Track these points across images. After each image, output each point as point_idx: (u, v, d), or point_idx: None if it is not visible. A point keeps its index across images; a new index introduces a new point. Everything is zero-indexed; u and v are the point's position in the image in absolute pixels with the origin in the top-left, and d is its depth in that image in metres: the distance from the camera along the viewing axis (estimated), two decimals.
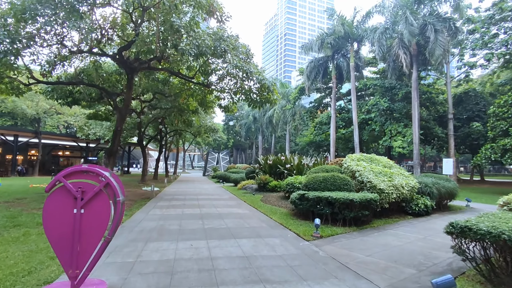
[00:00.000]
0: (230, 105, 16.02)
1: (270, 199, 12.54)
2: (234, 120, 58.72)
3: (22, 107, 26.70)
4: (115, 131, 12.20)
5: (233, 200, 12.92)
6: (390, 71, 22.03)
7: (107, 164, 12.20)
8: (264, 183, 15.38)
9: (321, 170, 10.04)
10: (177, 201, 12.24)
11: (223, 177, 25.73)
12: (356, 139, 24.24)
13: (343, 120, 28.90)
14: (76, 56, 15.16)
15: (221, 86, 15.61)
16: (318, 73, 29.34)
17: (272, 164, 17.41)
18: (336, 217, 7.47)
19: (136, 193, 15.69)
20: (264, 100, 14.08)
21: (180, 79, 17.01)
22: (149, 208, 10.15)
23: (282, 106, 38.61)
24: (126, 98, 12.28)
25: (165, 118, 25.13)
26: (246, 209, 10.26)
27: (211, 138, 37.56)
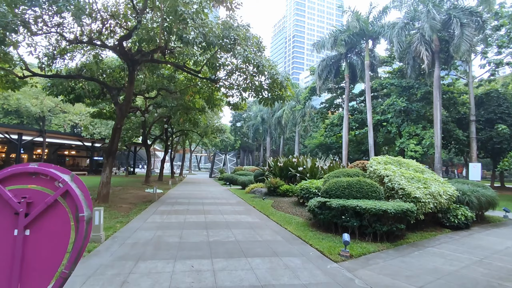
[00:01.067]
0: (239, 102, 14.95)
1: (282, 205, 11.40)
2: (241, 121, 57.72)
3: (27, 104, 26.14)
4: (115, 128, 11.24)
5: (241, 206, 11.81)
6: (409, 69, 20.67)
7: (105, 164, 11.25)
8: (274, 187, 14.26)
9: (342, 174, 8.87)
10: (180, 206, 11.19)
11: (230, 179, 24.68)
12: (370, 141, 22.90)
13: (356, 121, 27.54)
14: (78, 49, 14.35)
15: (230, 82, 14.60)
16: (330, 72, 28.11)
17: (282, 166, 16.27)
18: (364, 230, 6.30)
19: (138, 195, 14.73)
20: (276, 97, 12.96)
21: (186, 75, 16.03)
22: (148, 214, 9.12)
23: (291, 106, 37.43)
24: (127, 93, 11.33)
25: (171, 118, 24.25)
26: (257, 217, 9.14)
27: (218, 139, 36.62)
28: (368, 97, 23.41)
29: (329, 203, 6.71)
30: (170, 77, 16.45)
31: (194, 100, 16.72)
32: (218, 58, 13.16)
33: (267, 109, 43.32)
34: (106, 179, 11.23)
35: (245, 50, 10.44)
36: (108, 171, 11.30)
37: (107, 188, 11.23)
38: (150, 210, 10.02)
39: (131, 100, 11.65)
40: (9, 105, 26.25)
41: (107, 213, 8.91)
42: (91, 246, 5.31)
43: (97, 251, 5.07)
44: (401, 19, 20.71)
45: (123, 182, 22.92)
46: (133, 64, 11.36)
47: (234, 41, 10.35)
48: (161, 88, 15.27)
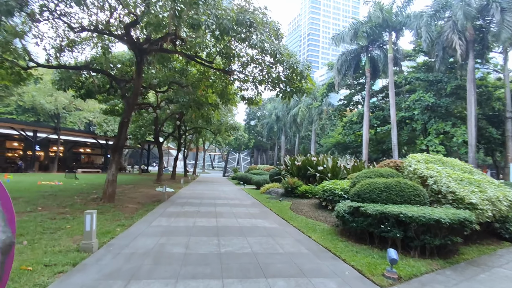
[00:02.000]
0: (255, 96, 13.93)
1: (302, 207, 10.30)
2: (255, 120, 56.76)
3: (41, 101, 26.11)
4: (122, 122, 10.47)
5: (256, 207, 10.80)
6: (438, 62, 19.01)
7: (111, 161, 10.51)
8: (292, 188, 13.16)
9: (373, 174, 7.69)
10: (190, 207, 10.29)
11: (244, 178, 23.75)
12: (394, 140, 21.37)
13: (377, 119, 25.97)
14: (86, 42, 13.74)
15: (244, 74, 13.61)
16: (349, 67, 26.69)
17: (300, 165, 15.14)
18: (409, 243, 5.14)
19: (148, 194, 13.99)
20: (295, 89, 11.86)
21: (198, 68, 15.15)
22: (155, 216, 8.24)
23: (307, 104, 36.09)
24: (135, 86, 10.53)
25: (183, 114, 23.54)
26: (275, 221, 8.10)
27: (232, 137, 35.78)
28: (392, 92, 21.87)
29: (364, 209, 5.59)
30: (182, 70, 15.65)
31: (207, 94, 15.84)
32: (232, 48, 12.20)
33: (282, 107, 42.13)
34: (112, 177, 10.47)
35: (262, 35, 9.38)
36: (114, 169, 10.54)
37: (113, 186, 10.47)
38: (158, 211, 9.16)
39: (139, 92, 10.86)
40: (23, 102, 26.29)
41: (109, 215, 8.11)
42: (79, 257, 4.42)
43: (83, 265, 4.16)
44: (430, 7, 19.07)
45: (135, 180, 22.39)
46: (141, 53, 10.55)
47: (250, 26, 9.32)
48: (173, 81, 14.44)
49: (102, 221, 7.24)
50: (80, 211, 8.48)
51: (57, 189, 13.91)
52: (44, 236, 5.59)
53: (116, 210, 9.01)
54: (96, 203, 10.05)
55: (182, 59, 15.16)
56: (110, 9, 10.97)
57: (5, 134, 29.48)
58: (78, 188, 14.74)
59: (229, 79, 14.05)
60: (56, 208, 8.61)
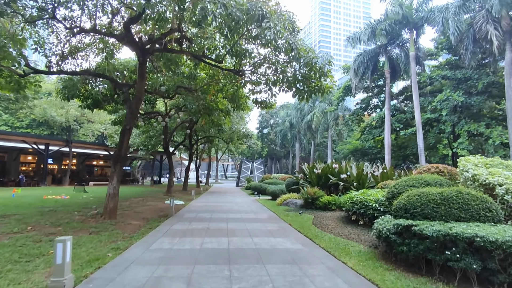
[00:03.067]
0: (268, 99, 12.81)
1: (326, 222, 8.95)
2: (268, 128, 55.65)
3: (52, 114, 25.92)
4: (123, 130, 9.53)
5: (274, 222, 9.50)
6: (467, 57, 17.35)
7: (112, 173, 9.55)
8: (312, 199, 11.82)
9: (417, 182, 6.31)
10: (199, 223, 9.12)
11: (258, 188, 22.48)
12: (420, 143, 19.66)
13: (399, 122, 24.25)
14: (90, 48, 13.09)
15: (257, 76, 12.58)
16: (366, 69, 25.29)
17: (320, 173, 13.79)
18: (491, 277, 3.75)
19: (155, 208, 12.95)
20: (314, 89, 10.66)
21: (207, 71, 14.23)
22: (157, 236, 7.10)
23: (322, 109, 34.69)
24: (138, 89, 9.62)
25: (195, 123, 22.67)
26: (297, 241, 6.79)
27: (245, 146, 34.69)
28: (416, 92, 20.29)
29: (418, 229, 4.25)
30: (191, 75, 14.77)
31: (217, 100, 14.86)
32: (242, 46, 11.19)
33: (295, 113, 40.83)
34: (113, 190, 9.47)
35: (276, 26, 8.28)
36: (116, 181, 9.54)
37: (115, 201, 9.45)
38: (162, 229, 8.03)
39: (142, 97, 9.93)
40: (33, 115, 26.20)
41: (106, 234, 7.03)
42: None
43: None
44: None
45: (145, 193, 21.52)
46: (143, 54, 9.65)
47: (262, 17, 8.25)
48: (180, 86, 13.54)
49: (95, 243, 6.17)
50: (75, 230, 7.46)
51: (60, 204, 13.08)
52: (16, 267, 4.53)
53: (115, 228, 7.95)
54: (96, 220, 9.04)
55: (190, 63, 14.31)
56: (113, 11, 10.25)
57: (18, 148, 29.55)
58: (83, 202, 13.89)
59: (240, 81, 13.04)
60: (48, 228, 7.61)
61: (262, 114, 54.36)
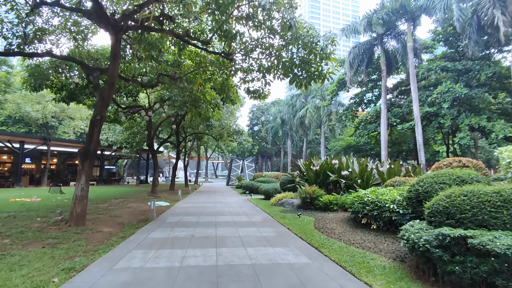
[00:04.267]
0: (262, 88, 11.55)
1: (331, 225, 7.77)
2: (259, 125, 54.38)
3: (26, 109, 23.93)
4: (93, 121, 8.09)
5: (270, 226, 8.26)
6: (470, 46, 16.50)
7: (80, 171, 8.12)
8: (311, 198, 10.64)
9: (447, 178, 5.17)
10: (183, 229, 7.79)
11: (250, 187, 21.23)
12: (419, 138, 18.78)
13: (395, 116, 23.36)
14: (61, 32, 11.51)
15: (248, 62, 11.32)
16: (361, 62, 24.37)
17: (318, 170, 12.63)
18: None
19: (135, 211, 11.54)
20: (313, 74, 9.46)
21: (194, 57, 12.85)
22: (128, 248, 5.75)
23: (315, 105, 33.66)
24: (110, 73, 8.20)
25: (182, 119, 21.21)
26: (301, 251, 5.56)
27: (235, 143, 33.36)
28: (414, 84, 19.39)
29: (480, 243, 3.07)
30: (176, 63, 13.35)
31: (205, 90, 13.48)
32: (233, 28, 9.88)
33: (287, 110, 39.68)
34: (81, 192, 8.04)
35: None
36: (84, 181, 8.11)
37: (83, 204, 8.02)
38: (137, 237, 6.68)
39: (115, 82, 8.49)
40: (3, 109, 24.16)
41: (65, 247, 5.66)
42: None
43: None
44: None
45: (129, 193, 19.95)
46: (116, 32, 8.21)
47: None
48: (163, 74, 12.11)
49: (44, 261, 4.79)
50: (26, 242, 6.03)
51: (26, 208, 11.50)
52: None
53: (80, 238, 6.55)
54: (58, 228, 7.59)
55: (174, 49, 12.90)
56: None
57: None
58: (54, 205, 12.33)
59: (230, 69, 11.74)
60: None
61: (253, 110, 53.08)
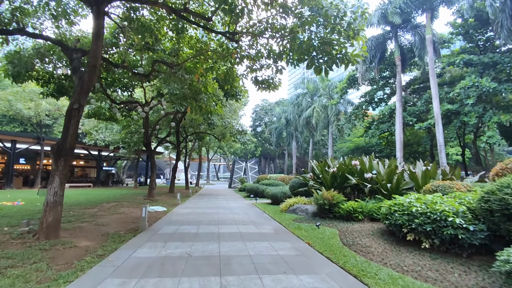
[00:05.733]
0: (272, 77, 10.05)
1: (363, 241, 6.22)
2: (262, 126, 52.85)
3: (17, 106, 22.56)
4: (69, 110, 6.61)
5: (285, 240, 6.70)
6: (503, 34, 14.89)
7: (53, 171, 6.64)
8: (330, 205, 9.08)
9: None
10: (178, 244, 6.26)
11: (255, 190, 19.69)
12: (440, 138, 17.18)
13: (410, 115, 21.76)
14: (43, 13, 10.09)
15: (256, 49, 9.87)
16: (374, 57, 22.87)
17: (336, 172, 11.06)
18: None
19: (127, 218, 10.05)
20: (336, 57, 7.94)
21: (194, 44, 11.37)
22: (101, 276, 4.23)
23: (322, 104, 32.12)
24: (92, 53, 6.74)
25: (182, 117, 19.73)
26: (337, 283, 4.02)
27: (239, 144, 31.81)
28: (434, 80, 17.82)
29: None
30: (174, 51, 11.88)
31: (206, 81, 11.99)
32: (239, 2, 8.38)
33: (292, 109, 38.11)
34: (53, 196, 6.54)
35: None
36: (58, 184, 6.61)
37: (56, 212, 6.51)
38: (118, 256, 5.16)
39: (98, 64, 7.01)
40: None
41: (13, 275, 4.15)
42: None
43: None
44: None
45: (125, 196, 18.47)
46: (98, 3, 6.74)
47: None
48: (158, 61, 10.63)
49: None
50: None
51: (2, 213, 10.04)
52: None
53: (44, 257, 5.05)
54: (22, 241, 6.10)
55: (173, 35, 11.44)
56: None
57: None
58: (36, 211, 10.85)
59: (235, 56, 10.25)
60: None
61: (256, 111, 51.56)
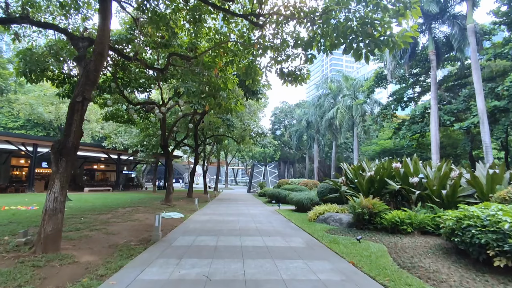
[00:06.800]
0: (300, 68, 8.92)
1: (424, 262, 4.89)
2: (281, 129, 51.55)
3: (38, 110, 22.66)
4: (72, 104, 5.79)
5: (323, 259, 5.46)
6: None
7: (54, 173, 5.80)
8: (370, 214, 7.75)
9: None
10: (195, 260, 5.18)
11: (277, 196, 18.50)
12: (486, 139, 15.29)
13: (447, 113, 19.80)
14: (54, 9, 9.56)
15: (282, 38, 8.86)
16: (404, 53, 21.19)
17: (373, 177, 9.68)
18: None
19: (140, 225, 9.17)
20: (379, 40, 6.70)
21: (213, 37, 10.43)
22: None
23: (346, 105, 30.51)
24: (98, 39, 5.91)
25: (201, 118, 18.92)
26: None
27: (258, 148, 30.74)
28: (477, 74, 15.97)
29: None
30: (191, 46, 11.02)
31: (226, 76, 11.01)
32: None
33: (314, 111, 36.62)
34: (53, 203, 5.68)
35: None
36: (59, 189, 5.75)
37: (56, 221, 5.65)
38: (121, 280, 4.14)
39: (105, 52, 6.15)
40: (10, 108, 22.99)
41: None
42: None
43: None
44: None
45: (142, 200, 17.81)
46: None
47: None
48: (174, 54, 9.76)
49: None
50: None
51: (10, 219, 9.44)
52: None
53: (34, 277, 4.13)
54: (16, 255, 5.25)
55: (190, 28, 10.55)
56: None
57: (7, 150, 26.50)
58: None
59: (258, 47, 9.21)
60: None
61: (275, 113, 50.38)
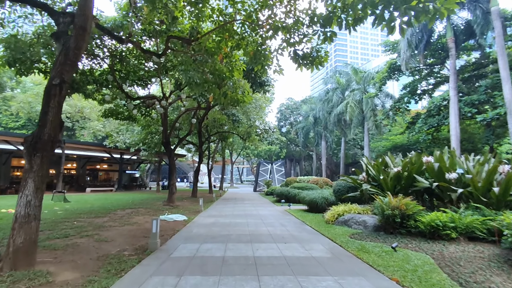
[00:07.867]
0: (316, 49, 7.82)
1: (492, 279, 3.74)
2: (287, 126, 50.36)
3: (37, 108, 21.85)
4: (48, 87, 4.79)
5: (357, 275, 4.34)
6: None
7: (27, 171, 4.79)
8: (403, 216, 6.63)
9: None
10: (198, 279, 4.11)
11: (286, 195, 17.39)
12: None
13: (467, 105, 18.48)
14: None
15: (295, 16, 7.81)
16: (419, 41, 19.92)
17: (399, 173, 8.53)
18: None
19: (138, 230, 8.19)
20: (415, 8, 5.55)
21: (217, 19, 9.32)
22: None
23: (355, 99, 29.25)
24: (79, 11, 4.86)
25: (205, 114, 17.91)
26: None
27: (264, 145, 29.63)
28: (503, 59, 14.66)
29: None
30: (192, 31, 9.97)
31: (232, 63, 9.92)
32: None
33: (321, 106, 35.39)
34: (25, 209, 4.67)
35: None
36: (32, 190, 4.74)
37: (29, 230, 4.64)
38: None
39: (89, 27, 5.09)
40: (6, 106, 22.21)
41: None
42: None
43: None
44: None
45: (144, 201, 16.85)
46: None
47: None
48: (172, 36, 8.68)
49: None
50: None
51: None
52: None
53: None
54: None
55: (192, 10, 9.45)
56: None
57: (7, 150, 25.83)
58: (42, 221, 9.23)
59: (267, 28, 8.16)
60: None
61: (281, 110, 49.19)
